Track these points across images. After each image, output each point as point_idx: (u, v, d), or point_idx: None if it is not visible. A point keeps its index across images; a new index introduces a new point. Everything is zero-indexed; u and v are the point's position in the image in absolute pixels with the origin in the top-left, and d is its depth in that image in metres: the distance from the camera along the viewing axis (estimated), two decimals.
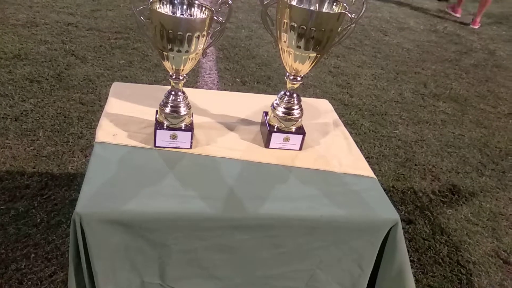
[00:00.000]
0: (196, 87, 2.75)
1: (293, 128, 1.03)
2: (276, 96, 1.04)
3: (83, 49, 2.94)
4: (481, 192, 2.22)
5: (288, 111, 1.01)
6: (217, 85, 2.83)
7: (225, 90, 2.76)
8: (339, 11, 0.93)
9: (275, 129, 1.01)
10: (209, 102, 1.21)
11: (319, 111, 1.27)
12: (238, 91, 2.68)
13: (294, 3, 0.96)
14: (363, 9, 0.88)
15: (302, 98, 1.06)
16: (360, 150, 1.21)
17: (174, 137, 0.96)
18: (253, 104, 1.22)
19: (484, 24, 5.52)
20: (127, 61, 2.88)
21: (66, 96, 2.38)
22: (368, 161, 2.29)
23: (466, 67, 3.92)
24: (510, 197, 2.22)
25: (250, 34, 3.79)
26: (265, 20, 0.95)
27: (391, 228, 0.91)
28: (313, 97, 2.77)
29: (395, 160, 2.33)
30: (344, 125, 1.27)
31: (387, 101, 3.01)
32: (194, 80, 2.82)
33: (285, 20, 0.88)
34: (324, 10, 0.97)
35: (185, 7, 0.92)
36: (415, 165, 2.33)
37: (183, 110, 0.96)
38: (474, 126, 2.86)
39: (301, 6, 0.96)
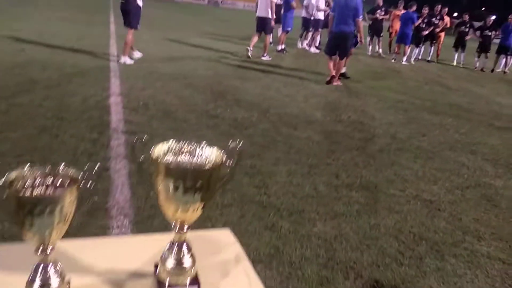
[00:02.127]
0: (107, 208, 2.61)
1: (187, 281, 0.95)
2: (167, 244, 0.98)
3: None
4: (403, 283, 2.24)
5: (179, 263, 0.94)
6: (129, 202, 2.71)
7: (138, 207, 2.64)
8: (217, 161, 0.92)
9: (166, 286, 0.93)
10: (94, 254, 1.10)
11: (219, 246, 1.21)
12: (152, 207, 2.57)
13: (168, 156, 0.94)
14: (235, 159, 0.87)
15: (201, 232, 1.00)
16: (282, 255, 1.15)
17: None
18: (149, 248, 1.13)
19: (383, 109, 6.11)
20: None
21: None
22: (291, 267, 2.25)
23: (372, 153, 4.21)
24: (431, 285, 2.26)
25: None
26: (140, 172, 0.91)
27: None
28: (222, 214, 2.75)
29: (317, 262, 2.31)
30: (264, 229, 1.22)
31: (304, 197, 3.06)
32: (104, 200, 2.67)
33: (161, 176, 0.85)
34: (202, 159, 0.96)
35: None
36: (337, 264, 2.32)
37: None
38: (387, 213, 2.99)
39: (177, 161, 0.94)
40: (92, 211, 2.47)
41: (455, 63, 13.94)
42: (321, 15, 11.63)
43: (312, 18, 11.97)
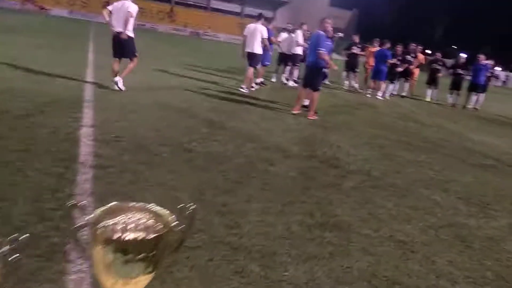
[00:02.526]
0: (66, 250, 2.45)
1: None
2: None
3: None
4: None
5: None
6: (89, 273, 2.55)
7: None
8: (166, 226, 0.84)
9: None
10: None
11: None
12: None
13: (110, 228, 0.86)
14: (188, 224, 0.80)
15: None
16: None
17: None
18: None
19: (358, 145, 6.15)
20: None
21: None
22: None
23: (346, 190, 4.18)
24: None
25: (135, 177, 3.67)
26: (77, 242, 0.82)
27: None
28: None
29: None
30: (233, 274, 1.13)
31: (276, 238, 2.97)
32: (63, 241, 2.52)
33: (98, 245, 0.76)
34: (147, 225, 0.88)
35: None
36: None
37: None
38: (361, 254, 2.92)
39: (118, 229, 0.86)
40: (49, 254, 2.32)
41: (428, 99, 14.35)
42: (299, 50, 11.86)
43: (290, 53, 12.19)
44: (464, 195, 4.56)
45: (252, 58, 9.79)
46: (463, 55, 14.90)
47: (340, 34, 14.86)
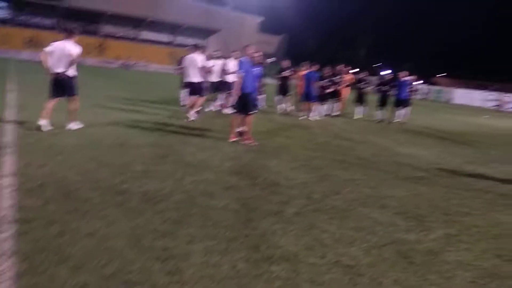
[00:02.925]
0: None
1: None
2: None
3: None
4: None
5: None
6: None
7: None
8: None
9: None
10: None
11: None
12: None
13: None
14: None
15: None
16: None
17: None
18: None
19: (297, 168, 6.20)
20: None
21: None
22: None
23: (290, 217, 4.14)
24: None
25: (63, 229, 3.36)
26: None
27: None
28: None
29: None
30: None
31: (222, 279, 2.83)
32: None
33: None
34: None
35: None
36: None
37: None
38: (309, 286, 2.86)
39: None
40: None
41: (357, 117, 15.04)
42: (231, 78, 11.93)
43: (223, 80, 12.25)
44: (401, 209, 4.72)
45: (193, 87, 10.26)
46: (387, 72, 15.91)
47: (273, 59, 15.23)
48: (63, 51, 7.18)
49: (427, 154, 8.76)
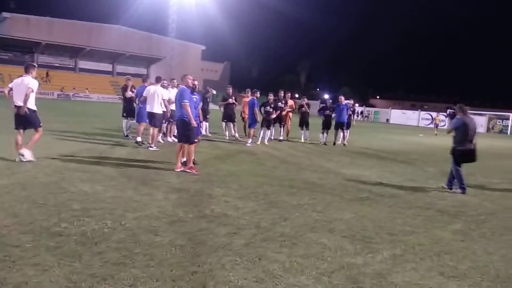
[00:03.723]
0: None
1: None
2: None
3: None
4: None
5: None
6: None
7: None
8: None
9: None
10: None
11: None
12: None
13: None
14: None
15: None
16: None
17: None
18: None
19: (245, 197, 6.13)
20: None
21: None
22: None
23: (238, 249, 4.03)
24: None
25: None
26: None
27: None
28: None
29: None
30: None
31: None
32: None
33: None
34: None
35: None
36: None
37: None
38: None
39: None
40: None
41: (302, 140, 15.36)
42: (173, 107, 11.75)
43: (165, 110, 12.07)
44: (348, 232, 4.77)
45: (153, 117, 10.58)
46: (328, 97, 16.53)
47: (213, 91, 15.33)
48: (22, 85, 7.50)
49: (370, 174, 9.06)
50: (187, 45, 72.87)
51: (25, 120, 7.61)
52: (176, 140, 11.90)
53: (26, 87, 7.43)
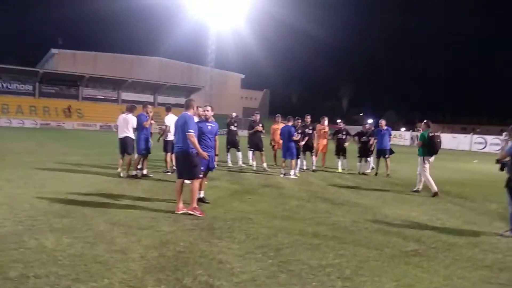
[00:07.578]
0: None
1: None
2: None
3: None
4: None
5: None
6: None
7: None
8: None
9: None
10: None
11: None
12: None
13: None
14: None
15: None
16: None
17: None
18: None
19: (248, 254, 4.64)
20: None
21: None
22: None
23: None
24: None
25: None
26: None
27: None
28: None
29: None
30: None
31: None
32: None
33: None
34: None
35: None
36: None
37: None
38: None
39: None
40: None
41: (339, 170, 13.67)
42: (170, 136, 10.56)
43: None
44: None
45: (125, 143, 10.17)
46: (369, 122, 14.80)
47: (234, 114, 14.17)
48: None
49: (418, 214, 7.30)
50: (226, 74, 73.37)
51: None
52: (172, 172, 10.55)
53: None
